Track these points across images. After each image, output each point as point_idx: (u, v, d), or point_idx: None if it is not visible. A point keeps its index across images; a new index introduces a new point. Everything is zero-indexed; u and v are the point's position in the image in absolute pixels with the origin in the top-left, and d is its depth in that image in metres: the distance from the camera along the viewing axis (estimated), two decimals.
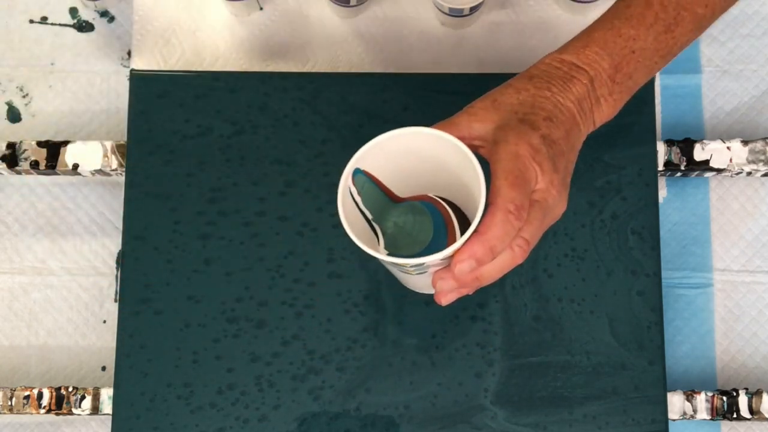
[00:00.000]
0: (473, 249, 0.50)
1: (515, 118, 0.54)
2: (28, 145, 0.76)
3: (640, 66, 0.57)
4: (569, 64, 0.56)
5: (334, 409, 0.69)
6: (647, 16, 0.57)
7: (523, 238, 0.52)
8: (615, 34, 0.57)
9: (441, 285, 0.52)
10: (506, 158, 0.52)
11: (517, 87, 0.56)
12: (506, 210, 0.50)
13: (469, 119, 0.55)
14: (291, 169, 0.73)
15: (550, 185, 0.53)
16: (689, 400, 0.72)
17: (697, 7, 0.57)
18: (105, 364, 0.78)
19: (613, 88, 0.57)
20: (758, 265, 0.79)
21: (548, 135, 0.53)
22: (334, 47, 0.82)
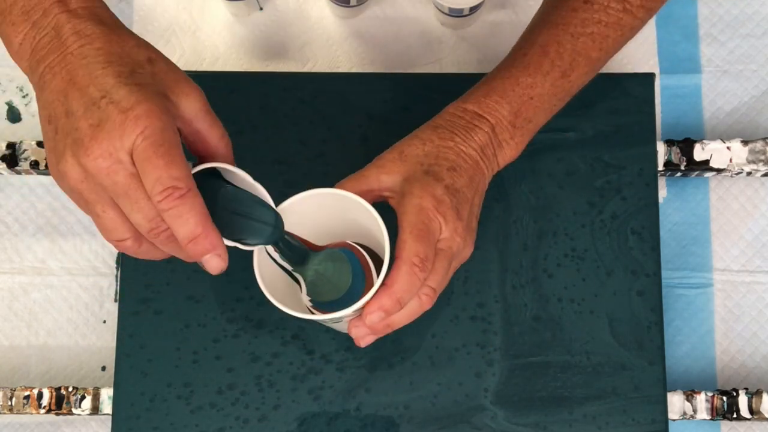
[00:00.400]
0: (381, 302, 0.53)
1: (420, 170, 0.57)
2: (28, 145, 0.76)
3: (539, 110, 0.60)
4: (471, 113, 0.60)
5: (334, 409, 0.69)
6: (543, 64, 0.60)
7: (429, 287, 0.55)
8: (513, 83, 0.60)
9: (356, 332, 0.55)
10: (411, 211, 0.55)
11: (422, 138, 0.59)
12: (411, 263, 0.53)
13: (378, 171, 0.58)
14: (291, 169, 0.73)
15: (455, 233, 0.55)
16: (689, 400, 0.72)
17: (591, 52, 0.60)
18: (105, 364, 0.78)
19: (514, 132, 0.60)
20: (758, 265, 0.79)
21: (452, 185, 0.56)
22: (334, 47, 0.82)
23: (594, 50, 0.60)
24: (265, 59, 0.82)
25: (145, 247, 0.50)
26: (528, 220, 0.72)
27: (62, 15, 0.48)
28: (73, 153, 0.46)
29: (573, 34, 0.60)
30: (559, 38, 0.60)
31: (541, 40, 0.60)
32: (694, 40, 0.82)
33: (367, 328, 0.55)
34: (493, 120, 0.59)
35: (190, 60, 0.81)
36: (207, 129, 0.51)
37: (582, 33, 0.60)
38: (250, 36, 0.82)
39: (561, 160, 0.73)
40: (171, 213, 0.46)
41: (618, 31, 0.60)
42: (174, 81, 0.49)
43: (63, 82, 0.46)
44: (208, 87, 0.74)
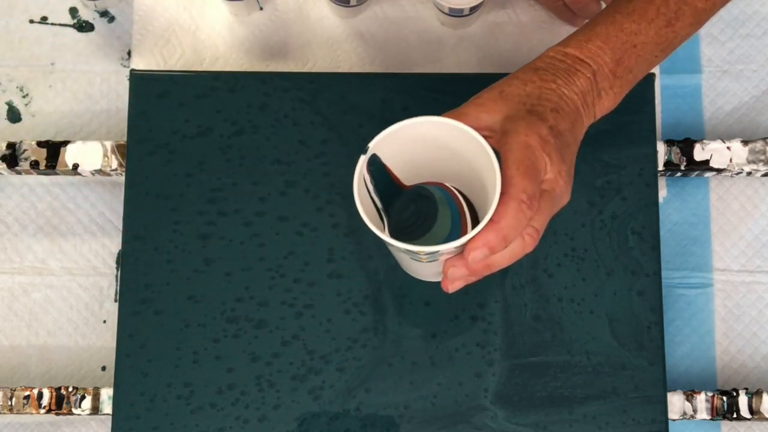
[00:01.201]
0: (487, 237, 0.51)
1: (523, 109, 0.55)
2: (28, 145, 0.76)
3: (641, 60, 0.59)
4: (573, 57, 0.57)
5: (334, 409, 0.69)
6: (649, 10, 0.58)
7: (533, 227, 0.53)
8: (617, 29, 0.58)
9: (453, 272, 0.53)
10: (517, 148, 0.53)
11: (523, 79, 0.56)
12: (519, 200, 0.51)
13: (478, 110, 0.56)
14: (291, 169, 0.73)
15: (558, 175, 0.54)
16: (689, 400, 0.72)
17: (698, 2, 0.59)
18: (105, 364, 0.78)
19: (614, 82, 0.58)
20: (758, 265, 0.79)
21: (555, 126, 0.54)
22: (334, 47, 0.82)
23: (701, 0, 0.59)
24: (265, 59, 0.82)
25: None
26: None
27: None
28: None
29: None
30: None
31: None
32: (694, 39, 0.82)
33: (466, 267, 0.53)
34: (595, 66, 0.57)
35: (190, 60, 0.81)
36: None
37: None
38: (250, 36, 0.82)
39: None
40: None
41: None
42: None
43: None
44: (208, 87, 0.74)
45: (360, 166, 0.54)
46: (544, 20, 0.82)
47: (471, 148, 0.54)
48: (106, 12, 0.83)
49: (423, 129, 0.54)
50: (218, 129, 0.73)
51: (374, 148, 0.54)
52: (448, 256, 0.53)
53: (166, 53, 0.82)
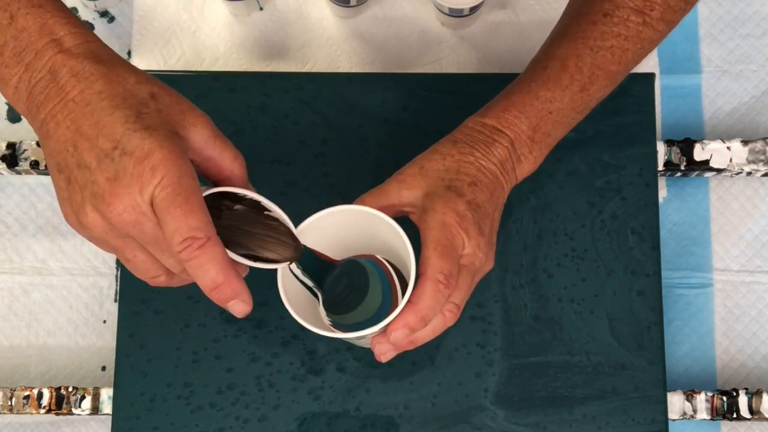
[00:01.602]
0: (407, 319, 0.53)
1: (442, 185, 0.57)
2: (28, 145, 0.76)
3: (558, 124, 0.60)
4: (491, 127, 0.59)
5: (334, 409, 0.69)
6: (563, 78, 0.60)
7: (453, 303, 0.55)
8: (532, 97, 0.60)
9: (379, 348, 0.56)
10: (434, 227, 0.54)
11: (443, 152, 0.59)
12: (436, 280, 0.53)
13: (399, 187, 0.58)
14: (291, 169, 0.73)
15: (477, 249, 0.55)
16: (689, 400, 0.72)
17: (611, 65, 0.60)
18: (105, 364, 0.78)
19: (533, 147, 0.60)
20: (758, 265, 0.79)
21: (473, 200, 0.56)
22: (334, 47, 0.82)
23: (613, 64, 0.60)
24: (265, 59, 0.82)
25: (176, 279, 0.50)
26: (528, 220, 0.72)
27: (57, 56, 0.46)
28: (93, 206, 0.45)
29: (592, 48, 0.59)
30: (579, 52, 0.59)
31: (560, 54, 0.60)
32: (694, 40, 0.82)
33: (391, 344, 0.55)
34: (512, 134, 0.59)
35: (190, 60, 0.81)
36: (218, 155, 0.50)
37: (601, 47, 0.59)
38: (250, 36, 0.82)
39: (561, 160, 0.73)
40: (192, 264, 0.46)
41: (638, 44, 0.60)
42: (180, 113, 0.48)
43: (69, 132, 0.45)
44: (208, 87, 0.74)
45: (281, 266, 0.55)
46: (544, 20, 0.82)
47: (387, 231, 0.56)
48: (106, 12, 0.83)
49: (341, 216, 0.56)
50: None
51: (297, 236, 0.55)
52: (375, 334, 0.55)
53: (166, 53, 0.82)
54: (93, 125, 0.45)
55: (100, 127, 0.45)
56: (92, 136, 0.45)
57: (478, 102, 0.62)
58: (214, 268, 0.46)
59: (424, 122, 0.73)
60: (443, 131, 0.61)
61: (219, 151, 0.50)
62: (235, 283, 0.47)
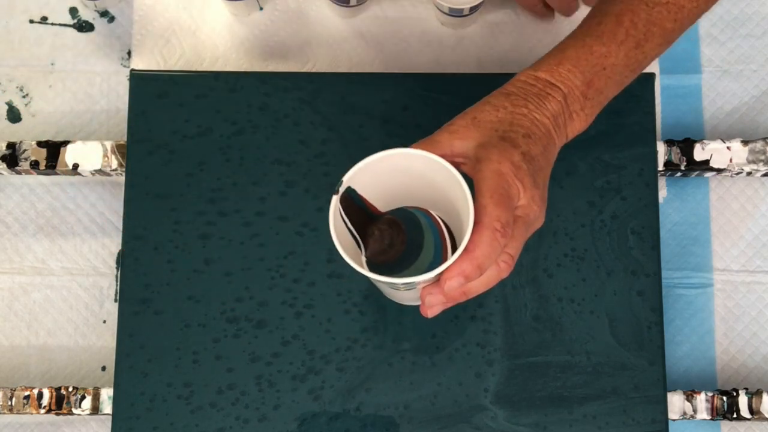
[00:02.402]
0: (462, 267, 0.52)
1: (496, 136, 0.56)
2: (28, 145, 0.76)
3: (611, 81, 0.59)
4: (544, 81, 0.58)
5: (334, 409, 0.69)
6: (618, 33, 0.59)
7: (508, 254, 0.54)
8: (587, 52, 0.59)
9: (430, 300, 0.54)
10: (490, 176, 0.53)
11: (495, 104, 0.57)
12: (493, 228, 0.52)
13: (451, 137, 0.56)
14: (291, 169, 0.73)
15: (532, 201, 0.55)
16: (689, 400, 0.72)
17: (666, 23, 0.59)
18: (105, 364, 0.78)
19: (585, 104, 0.59)
20: (758, 265, 0.79)
21: (528, 152, 0.55)
22: (334, 47, 0.82)
23: (669, 21, 0.59)
24: (265, 59, 0.82)
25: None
26: None
27: None
28: None
29: (648, 4, 0.58)
30: (634, 7, 0.58)
31: (615, 9, 0.59)
32: (694, 40, 0.82)
33: (443, 294, 0.53)
34: (566, 89, 0.58)
35: (190, 60, 0.81)
36: None
37: (657, 2, 0.58)
38: (250, 36, 0.82)
39: (561, 160, 0.72)
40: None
41: (693, 2, 0.59)
42: None
43: None
44: (208, 87, 0.74)
45: (334, 201, 0.54)
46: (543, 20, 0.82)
47: (444, 178, 0.54)
48: (106, 12, 0.83)
49: (396, 160, 0.55)
50: (218, 129, 0.73)
51: (348, 181, 0.54)
52: (425, 284, 0.54)
53: (166, 53, 0.82)
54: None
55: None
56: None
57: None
58: None
59: (424, 122, 0.73)
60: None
61: None
62: None
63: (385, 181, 0.56)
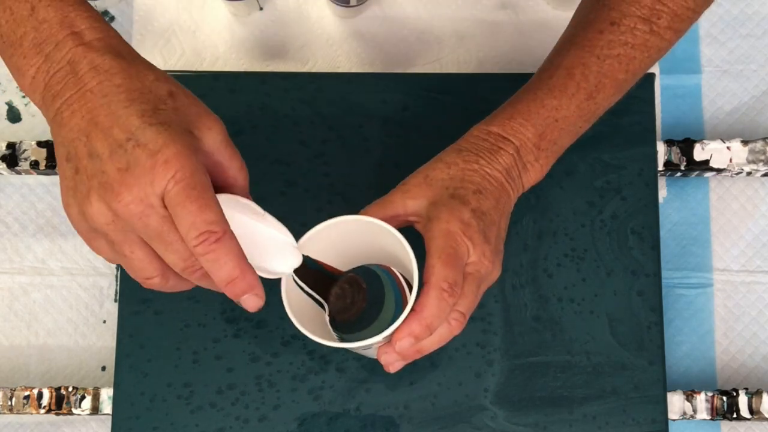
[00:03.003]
0: (411, 327, 0.53)
1: (446, 194, 0.57)
2: (28, 145, 0.76)
3: (564, 132, 0.60)
4: (496, 135, 0.59)
5: (334, 409, 0.69)
6: (569, 86, 0.59)
7: (459, 311, 0.55)
8: (538, 105, 0.60)
9: (385, 359, 0.55)
10: (438, 236, 0.54)
11: (447, 161, 0.58)
12: (440, 288, 0.53)
13: (404, 196, 0.58)
14: (291, 169, 0.73)
15: (482, 257, 0.55)
16: (689, 400, 0.72)
17: (618, 74, 0.60)
18: (105, 364, 0.78)
19: (539, 155, 0.60)
20: (758, 265, 0.79)
21: (478, 208, 0.56)
22: (334, 47, 0.82)
23: (620, 72, 0.60)
24: (265, 59, 0.82)
25: (172, 283, 0.50)
26: (528, 220, 0.72)
27: (77, 48, 0.46)
28: (100, 196, 0.45)
29: (599, 56, 0.59)
30: (585, 60, 0.59)
31: (566, 63, 0.60)
32: (694, 40, 0.82)
33: (397, 354, 0.54)
34: (518, 142, 0.59)
35: (190, 60, 0.81)
36: (227, 161, 0.50)
37: (608, 55, 0.59)
38: (250, 36, 0.82)
39: (561, 160, 0.72)
40: (208, 257, 0.46)
41: (645, 52, 0.59)
42: (196, 115, 0.48)
43: (84, 122, 0.45)
44: (208, 87, 0.74)
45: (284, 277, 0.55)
46: (544, 20, 0.82)
47: (390, 240, 0.55)
48: (106, 12, 0.83)
49: (344, 227, 0.56)
50: None
51: (300, 249, 0.54)
52: (381, 344, 0.55)
53: (166, 53, 0.82)
54: (108, 116, 0.45)
55: (116, 119, 0.45)
56: (107, 127, 0.45)
57: (477, 102, 0.62)
58: (231, 261, 0.46)
59: (424, 122, 0.73)
60: (443, 131, 0.61)
61: (228, 158, 0.50)
62: (249, 276, 0.47)
63: (340, 244, 0.57)
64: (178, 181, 0.44)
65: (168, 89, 0.47)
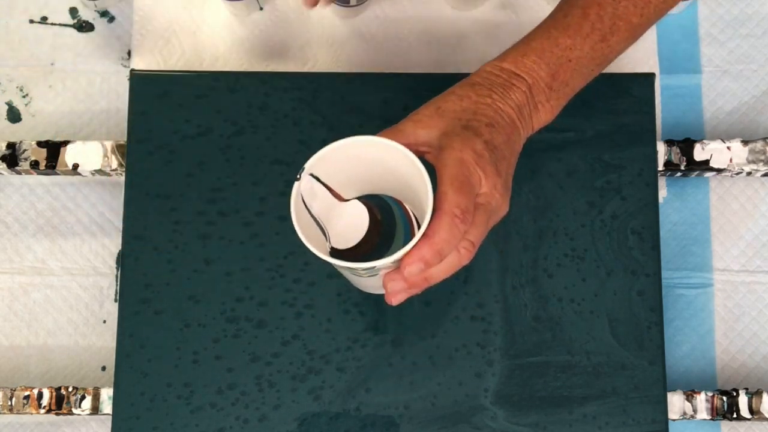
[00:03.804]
0: (422, 252, 0.52)
1: (459, 125, 0.56)
2: (28, 145, 0.76)
3: (576, 74, 0.60)
4: (509, 72, 0.59)
5: (334, 409, 0.69)
6: (584, 26, 0.59)
7: (468, 241, 0.54)
8: (552, 44, 0.59)
9: (392, 286, 0.54)
10: (451, 164, 0.54)
11: (459, 94, 0.58)
12: (452, 214, 0.52)
13: (415, 126, 0.57)
14: (291, 169, 0.73)
15: (494, 189, 0.55)
16: (689, 400, 0.72)
17: (632, 17, 0.60)
18: (105, 364, 0.78)
19: (551, 95, 0.59)
20: (758, 265, 0.79)
21: (490, 140, 0.55)
22: (334, 47, 0.82)
23: (635, 15, 0.59)
24: (265, 59, 0.82)
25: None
26: (528, 220, 0.72)
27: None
28: None
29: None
30: (600, 1, 0.59)
31: (582, 2, 0.59)
32: (694, 40, 0.82)
33: (404, 280, 0.53)
34: (531, 80, 0.58)
35: (190, 60, 0.81)
36: None
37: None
38: (250, 36, 0.82)
39: (561, 160, 0.73)
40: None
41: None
42: None
43: None
44: (208, 87, 0.74)
45: (296, 188, 0.54)
46: None
47: (405, 165, 0.55)
48: (106, 12, 0.83)
49: (358, 148, 0.55)
50: (218, 129, 0.73)
51: (310, 168, 0.54)
52: (387, 270, 0.54)
53: (166, 53, 0.82)
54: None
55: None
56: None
57: None
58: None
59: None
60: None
61: None
62: None
63: (348, 169, 0.57)
64: None
65: None
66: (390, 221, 0.58)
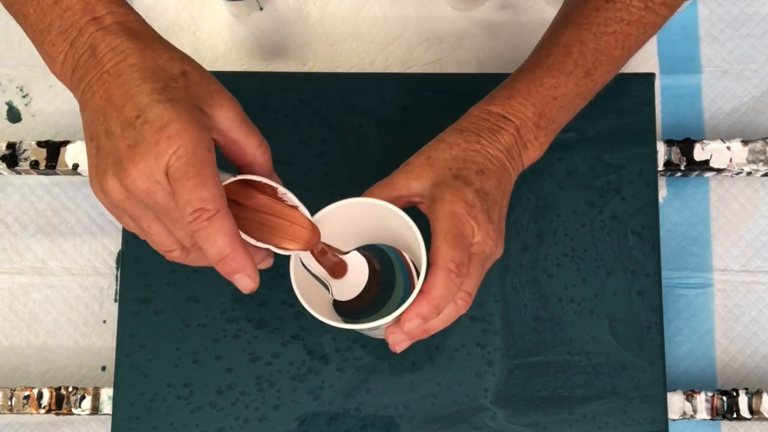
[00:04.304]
0: (420, 309, 0.53)
1: (449, 174, 0.57)
2: (28, 145, 0.76)
3: (563, 110, 0.61)
4: (496, 115, 0.60)
5: (334, 409, 0.69)
6: (567, 64, 0.60)
7: (465, 291, 0.55)
8: (537, 84, 0.60)
9: (393, 338, 0.56)
10: (444, 217, 0.55)
11: (449, 142, 0.59)
12: (447, 269, 0.53)
13: (407, 177, 0.58)
14: (291, 169, 0.73)
15: (487, 236, 0.56)
16: (689, 400, 0.72)
17: (614, 51, 0.60)
18: (105, 364, 0.78)
19: (539, 133, 0.60)
20: (758, 265, 0.79)
21: (481, 188, 0.57)
22: (334, 47, 0.82)
23: (617, 49, 0.60)
24: (265, 59, 0.82)
25: (193, 256, 0.51)
26: (528, 220, 0.72)
27: (97, 33, 0.48)
28: (114, 173, 0.47)
29: (596, 34, 0.60)
30: (582, 38, 0.60)
31: (563, 40, 0.60)
32: (694, 40, 0.82)
33: (405, 334, 0.55)
34: (518, 121, 0.59)
35: None
36: (243, 139, 0.51)
37: (605, 32, 0.60)
38: (250, 36, 0.82)
39: (561, 160, 0.73)
40: (200, 234, 0.46)
41: (640, 29, 0.60)
42: (208, 93, 0.49)
43: (102, 101, 0.47)
44: None
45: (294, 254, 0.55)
46: (544, 20, 0.81)
47: (398, 224, 0.56)
48: None
49: (350, 209, 0.56)
50: None
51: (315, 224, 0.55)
52: (388, 325, 0.55)
53: None
54: (122, 95, 0.47)
55: (128, 97, 0.46)
56: (120, 105, 0.46)
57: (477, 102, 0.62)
58: (222, 239, 0.47)
59: (424, 122, 0.73)
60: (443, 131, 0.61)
61: (244, 136, 0.51)
62: (241, 256, 0.48)
63: (344, 225, 0.57)
64: (179, 157, 0.45)
65: (181, 68, 0.48)
66: (389, 270, 0.59)
